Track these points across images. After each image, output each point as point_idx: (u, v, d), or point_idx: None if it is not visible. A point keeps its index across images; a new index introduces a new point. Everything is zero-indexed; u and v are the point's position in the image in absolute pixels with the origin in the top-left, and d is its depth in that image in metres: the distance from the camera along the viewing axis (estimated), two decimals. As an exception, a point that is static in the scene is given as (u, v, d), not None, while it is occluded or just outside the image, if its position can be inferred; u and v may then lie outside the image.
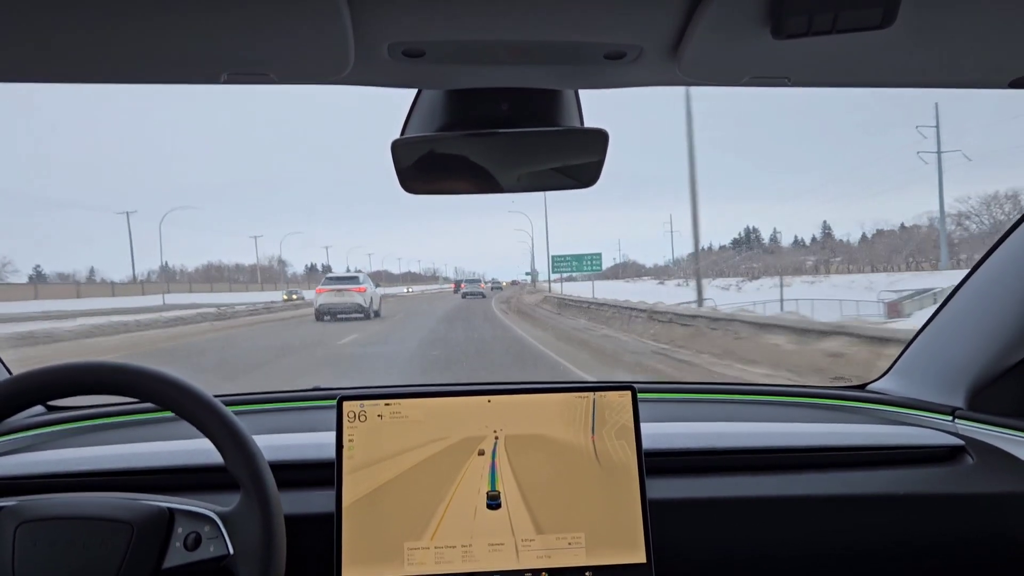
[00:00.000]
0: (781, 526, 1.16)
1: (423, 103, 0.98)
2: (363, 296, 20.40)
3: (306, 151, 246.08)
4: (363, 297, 20.38)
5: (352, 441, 1.08)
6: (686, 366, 9.67)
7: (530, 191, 1.08)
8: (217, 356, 12.63)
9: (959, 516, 1.17)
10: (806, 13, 0.69)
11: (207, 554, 0.89)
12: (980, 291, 1.38)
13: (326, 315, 20.29)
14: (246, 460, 0.90)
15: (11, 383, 0.90)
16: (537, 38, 0.79)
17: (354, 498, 1.05)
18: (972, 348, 1.37)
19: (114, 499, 0.94)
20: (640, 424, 1.11)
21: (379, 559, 1.04)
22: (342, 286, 20.71)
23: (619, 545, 1.06)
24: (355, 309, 20.23)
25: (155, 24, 0.71)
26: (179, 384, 0.92)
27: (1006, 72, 0.89)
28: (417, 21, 0.74)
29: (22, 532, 0.88)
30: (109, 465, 1.16)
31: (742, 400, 1.57)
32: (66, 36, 0.73)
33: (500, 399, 1.11)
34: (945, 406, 1.39)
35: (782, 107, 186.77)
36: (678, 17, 0.73)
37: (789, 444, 1.26)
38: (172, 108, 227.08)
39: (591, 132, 0.99)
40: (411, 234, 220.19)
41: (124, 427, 1.41)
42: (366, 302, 20.41)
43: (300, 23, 0.71)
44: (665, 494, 1.14)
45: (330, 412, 1.10)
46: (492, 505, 1.07)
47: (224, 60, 0.80)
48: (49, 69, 0.82)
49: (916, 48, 0.81)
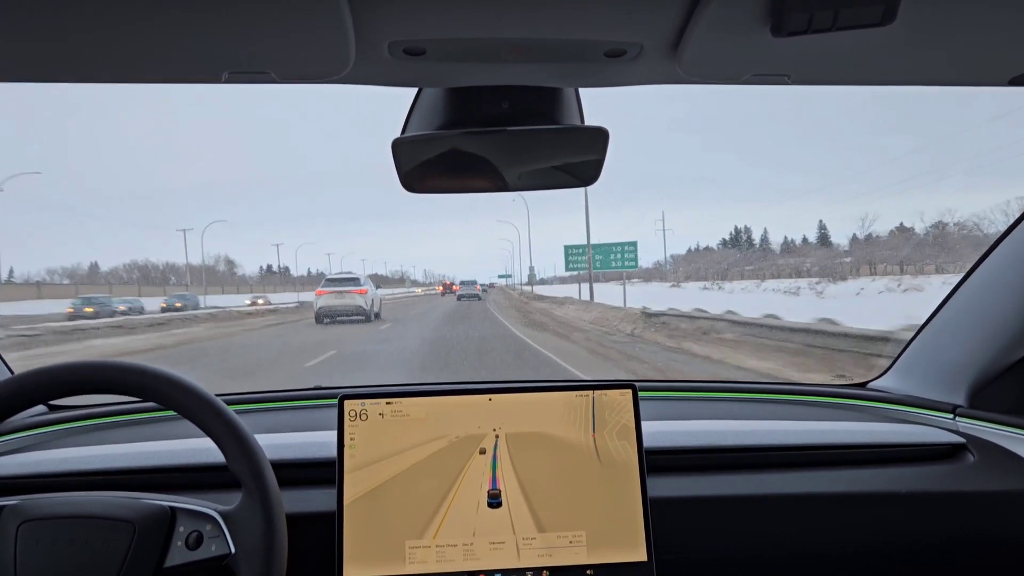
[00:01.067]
0: (782, 524, 1.16)
1: (424, 102, 0.98)
2: (364, 298, 20.35)
3: (270, 148, 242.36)
4: (364, 299, 20.33)
5: (353, 440, 1.08)
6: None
7: (531, 189, 1.08)
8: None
9: (960, 514, 1.17)
10: (806, 11, 0.69)
11: (208, 553, 0.89)
12: (981, 288, 1.38)
13: (326, 318, 20.19)
14: (247, 459, 0.90)
15: (13, 382, 0.90)
16: (537, 36, 0.79)
17: (355, 496, 1.05)
18: (973, 346, 1.37)
19: (116, 498, 0.94)
20: (641, 422, 1.11)
21: (380, 557, 1.04)
22: (342, 288, 20.61)
23: (620, 543, 1.06)
24: (356, 311, 20.17)
25: (156, 24, 0.71)
26: (180, 383, 0.92)
27: (1006, 70, 0.89)
28: (417, 19, 0.74)
29: (24, 531, 0.88)
30: (111, 464, 1.17)
31: (743, 398, 1.57)
32: (67, 36, 0.73)
33: (501, 397, 1.11)
34: (946, 404, 1.39)
35: (777, 107, 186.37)
36: (678, 15, 0.73)
37: (790, 442, 1.26)
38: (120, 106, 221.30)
39: (591, 130, 0.99)
40: (377, 234, 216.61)
41: (126, 426, 1.42)
42: (367, 304, 20.35)
43: (301, 22, 0.71)
44: (666, 492, 1.14)
45: (331, 411, 1.10)
46: (493, 503, 1.07)
47: (225, 59, 0.80)
48: (49, 69, 0.82)
49: (916, 46, 0.81)
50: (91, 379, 0.91)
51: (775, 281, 46.48)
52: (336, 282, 21.28)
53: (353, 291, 20.46)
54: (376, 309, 21.51)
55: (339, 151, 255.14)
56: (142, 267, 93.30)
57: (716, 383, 1.65)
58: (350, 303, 20.22)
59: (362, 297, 20.33)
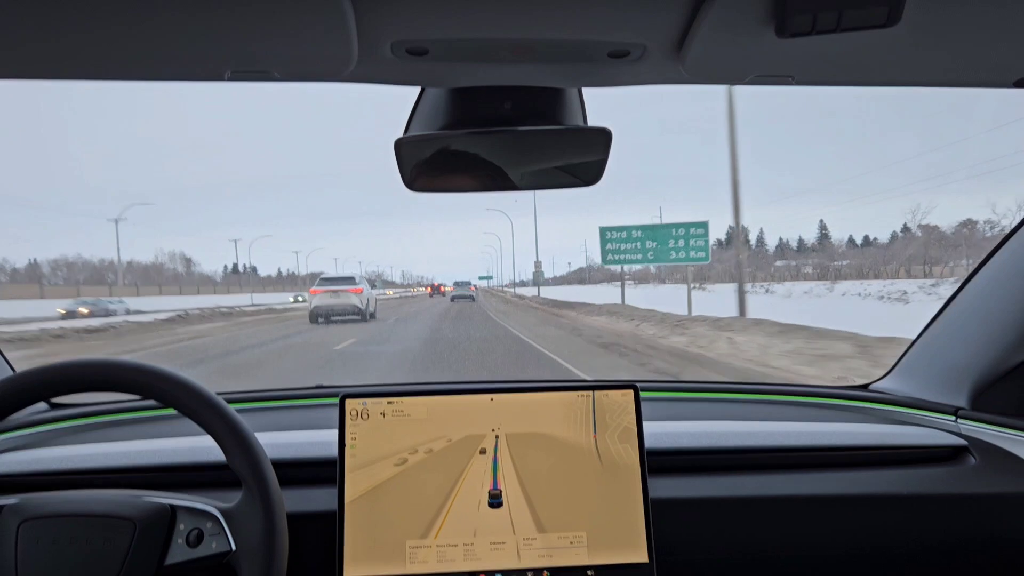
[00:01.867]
0: (783, 525, 1.16)
1: (426, 101, 0.98)
2: (359, 298, 20.18)
3: (237, 147, 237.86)
4: (359, 299, 20.16)
5: (354, 439, 1.08)
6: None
7: (533, 189, 1.08)
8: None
9: (961, 516, 1.17)
10: (810, 12, 0.69)
11: (209, 550, 0.90)
12: (983, 291, 1.38)
13: (321, 317, 20.02)
14: (248, 456, 0.91)
15: (14, 380, 0.91)
16: (541, 36, 0.79)
17: (356, 496, 1.05)
18: (975, 348, 1.36)
19: (116, 496, 0.94)
20: (642, 423, 1.11)
21: (381, 557, 1.04)
22: (338, 287, 20.44)
23: (621, 544, 1.06)
24: (351, 311, 20.00)
25: (160, 22, 0.71)
26: (180, 381, 0.92)
27: (1011, 72, 0.89)
28: (420, 19, 0.74)
29: (24, 530, 0.88)
30: (112, 463, 1.17)
31: (744, 399, 1.57)
32: (71, 34, 0.73)
33: (502, 397, 1.11)
34: (948, 406, 1.39)
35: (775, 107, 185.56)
36: (682, 16, 0.73)
37: (791, 443, 1.26)
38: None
39: (594, 131, 0.99)
40: (352, 233, 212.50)
41: (127, 424, 1.42)
42: (362, 303, 20.18)
43: (304, 21, 0.71)
44: (667, 493, 1.14)
45: (332, 410, 1.10)
46: (494, 504, 1.07)
47: (229, 58, 0.80)
48: (52, 66, 0.82)
49: (921, 47, 0.81)
50: (92, 377, 0.92)
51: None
52: (331, 281, 21.11)
53: (349, 290, 20.28)
54: (372, 309, 21.34)
55: (321, 150, 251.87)
56: (72, 263, 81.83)
57: (717, 384, 1.65)
58: (345, 302, 20.04)
59: (358, 296, 20.17)
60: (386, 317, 22.38)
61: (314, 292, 20.80)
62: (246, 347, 13.93)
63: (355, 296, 20.17)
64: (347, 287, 20.49)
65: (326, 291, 20.34)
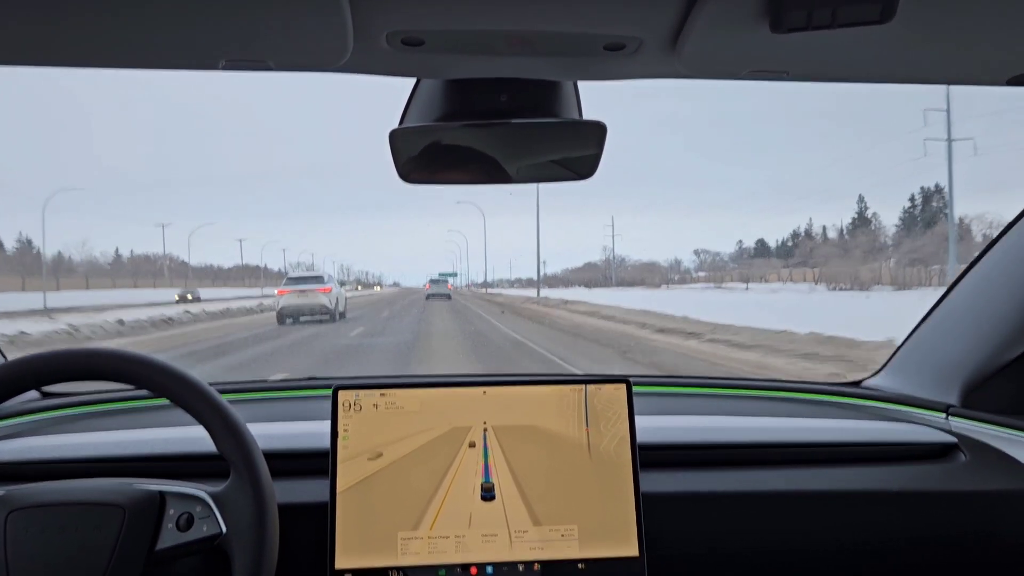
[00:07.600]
0: (773, 521, 1.17)
1: (422, 93, 0.98)
2: (328, 297, 19.26)
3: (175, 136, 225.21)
4: (328, 298, 19.23)
5: (347, 431, 1.08)
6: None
7: (528, 182, 1.08)
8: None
9: (951, 513, 1.18)
10: (805, 7, 0.69)
11: (200, 534, 0.90)
12: (976, 288, 1.38)
13: (288, 318, 18.83)
14: (235, 439, 0.91)
15: (5, 368, 0.90)
16: (537, 29, 0.79)
17: (348, 487, 1.05)
18: (967, 345, 1.37)
19: (105, 484, 0.94)
20: (635, 417, 1.11)
21: (373, 548, 1.04)
22: (305, 287, 19.42)
23: (612, 538, 1.07)
24: (320, 311, 18.99)
25: (155, 10, 0.71)
26: (167, 369, 0.92)
27: (1004, 69, 0.89)
28: (416, 9, 0.74)
29: (13, 520, 0.88)
30: (102, 452, 1.17)
31: (736, 395, 1.57)
32: (65, 20, 0.73)
33: (495, 391, 1.11)
34: (939, 403, 1.39)
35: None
36: (678, 10, 0.73)
37: (782, 439, 1.26)
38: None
39: (589, 124, 0.99)
40: (289, 224, 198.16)
41: (118, 414, 1.41)
42: (331, 303, 19.28)
43: (299, 10, 0.71)
44: (659, 488, 1.15)
45: (325, 402, 1.10)
46: (486, 496, 1.07)
47: (223, 47, 0.80)
48: (46, 53, 0.82)
49: (915, 44, 0.81)
50: (82, 366, 0.92)
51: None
52: (298, 280, 20.17)
53: (317, 289, 19.32)
54: (341, 308, 20.49)
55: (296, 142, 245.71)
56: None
57: (710, 379, 1.65)
58: (314, 302, 19.04)
59: (326, 295, 19.25)
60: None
61: (281, 292, 19.81)
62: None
63: (324, 295, 19.24)
64: (315, 286, 19.50)
65: (293, 291, 19.31)
